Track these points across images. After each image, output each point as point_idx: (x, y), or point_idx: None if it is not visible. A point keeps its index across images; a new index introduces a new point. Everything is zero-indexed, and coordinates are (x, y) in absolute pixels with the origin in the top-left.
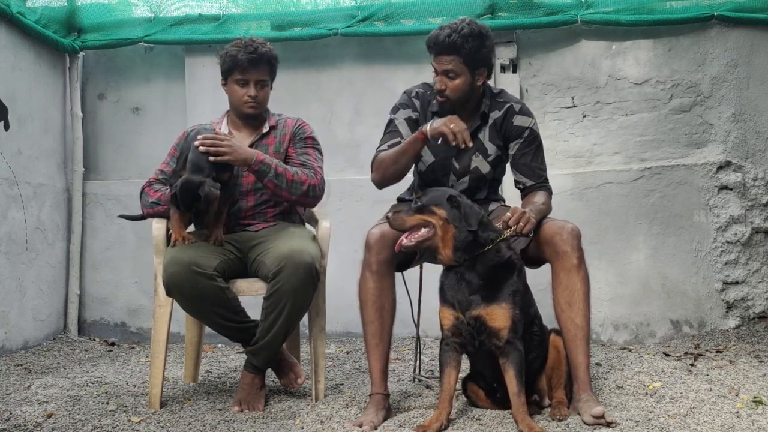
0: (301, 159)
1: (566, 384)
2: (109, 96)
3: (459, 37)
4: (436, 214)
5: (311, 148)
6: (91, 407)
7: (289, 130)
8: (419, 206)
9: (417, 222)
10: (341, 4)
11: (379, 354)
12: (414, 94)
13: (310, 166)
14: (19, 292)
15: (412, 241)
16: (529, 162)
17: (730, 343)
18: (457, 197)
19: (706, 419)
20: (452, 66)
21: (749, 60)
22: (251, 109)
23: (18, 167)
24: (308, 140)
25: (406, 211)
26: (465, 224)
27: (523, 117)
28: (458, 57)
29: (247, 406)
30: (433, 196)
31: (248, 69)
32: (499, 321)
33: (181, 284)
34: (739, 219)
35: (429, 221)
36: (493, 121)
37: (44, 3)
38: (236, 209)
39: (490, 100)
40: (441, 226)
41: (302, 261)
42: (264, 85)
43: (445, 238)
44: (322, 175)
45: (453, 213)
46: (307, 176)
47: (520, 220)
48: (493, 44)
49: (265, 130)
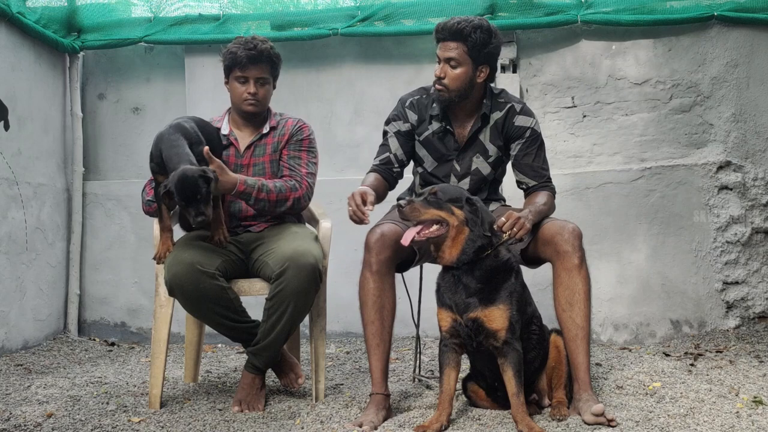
0: (291, 164)
1: (566, 384)
2: (109, 96)
3: (468, 26)
4: (454, 213)
5: (305, 152)
6: (91, 407)
7: (287, 130)
8: (437, 202)
9: (432, 217)
10: (341, 4)
11: (379, 354)
12: (408, 104)
13: (297, 173)
14: (19, 292)
15: (424, 237)
16: (531, 162)
17: (730, 343)
18: (475, 200)
19: (706, 419)
20: (456, 54)
21: (749, 60)
22: (251, 107)
23: (18, 167)
24: (304, 142)
25: (420, 203)
26: (480, 229)
27: (525, 117)
28: (463, 45)
29: (247, 406)
30: (452, 194)
31: (248, 66)
32: (496, 322)
33: (184, 284)
34: (739, 219)
35: (445, 219)
36: (494, 121)
37: (44, 3)
38: (236, 210)
39: (491, 101)
40: (456, 227)
41: (306, 263)
42: (264, 83)
43: (457, 239)
44: (308, 182)
45: (471, 216)
46: (291, 190)
47: (515, 225)
48: (499, 45)
49: (265, 131)
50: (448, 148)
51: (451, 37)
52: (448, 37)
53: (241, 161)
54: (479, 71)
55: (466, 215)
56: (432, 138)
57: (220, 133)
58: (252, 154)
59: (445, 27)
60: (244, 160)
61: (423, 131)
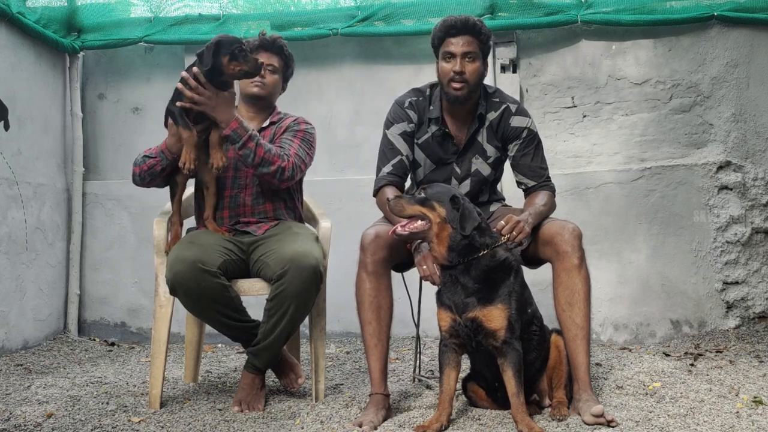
0: (282, 143)
1: (566, 384)
2: (109, 96)
3: (477, 21)
4: (435, 210)
5: (299, 139)
6: (91, 407)
7: (285, 124)
8: (421, 198)
9: (415, 212)
10: (341, 4)
11: (378, 354)
12: (407, 105)
13: (286, 151)
14: (19, 292)
15: (406, 230)
16: (530, 162)
17: (730, 343)
18: (460, 198)
19: (706, 419)
20: (473, 48)
21: (749, 60)
22: (256, 88)
23: (18, 167)
24: (299, 132)
25: (406, 200)
26: (460, 228)
27: (521, 117)
28: (476, 40)
29: (247, 406)
30: (438, 191)
31: (258, 51)
32: (495, 322)
33: (186, 282)
34: (739, 219)
35: (427, 215)
36: (489, 122)
37: (44, 3)
38: (235, 204)
39: (486, 101)
40: (437, 224)
41: (307, 264)
42: (273, 71)
43: (441, 236)
44: (295, 162)
45: (452, 213)
46: (280, 158)
47: (514, 229)
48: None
49: (265, 125)
50: (447, 151)
51: (466, 31)
52: (463, 31)
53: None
54: (484, 67)
55: (448, 212)
56: (431, 141)
57: None
58: None
59: (457, 21)
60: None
61: (422, 134)
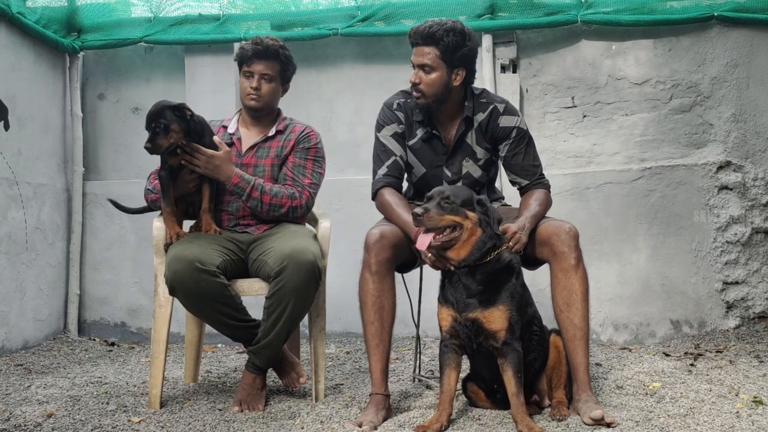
0: (294, 172)
1: (566, 384)
2: (109, 96)
3: (440, 29)
4: (468, 217)
5: (311, 161)
6: (91, 407)
7: (294, 136)
8: (452, 207)
9: (448, 223)
10: (341, 4)
11: (379, 354)
12: (396, 106)
13: (300, 183)
14: (19, 292)
15: (439, 241)
16: (521, 161)
17: (730, 343)
18: (484, 200)
19: (706, 419)
20: (429, 60)
21: (749, 60)
22: (252, 101)
23: (18, 167)
24: (311, 151)
25: (436, 210)
26: (491, 229)
27: (509, 117)
28: (436, 49)
29: (247, 406)
30: (463, 196)
31: (252, 60)
32: (495, 323)
33: (185, 282)
34: (739, 219)
35: (461, 223)
36: (478, 124)
37: (44, 3)
38: (234, 208)
39: (473, 103)
40: (469, 230)
41: (305, 260)
42: (270, 80)
43: (468, 241)
44: (310, 193)
45: (483, 217)
46: (289, 198)
47: (510, 239)
48: (475, 48)
49: (271, 134)
50: (437, 153)
51: (423, 41)
52: (420, 41)
53: (241, 161)
54: (455, 75)
55: (480, 217)
56: (421, 144)
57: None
58: (254, 155)
59: (417, 31)
60: (245, 160)
61: (411, 138)
